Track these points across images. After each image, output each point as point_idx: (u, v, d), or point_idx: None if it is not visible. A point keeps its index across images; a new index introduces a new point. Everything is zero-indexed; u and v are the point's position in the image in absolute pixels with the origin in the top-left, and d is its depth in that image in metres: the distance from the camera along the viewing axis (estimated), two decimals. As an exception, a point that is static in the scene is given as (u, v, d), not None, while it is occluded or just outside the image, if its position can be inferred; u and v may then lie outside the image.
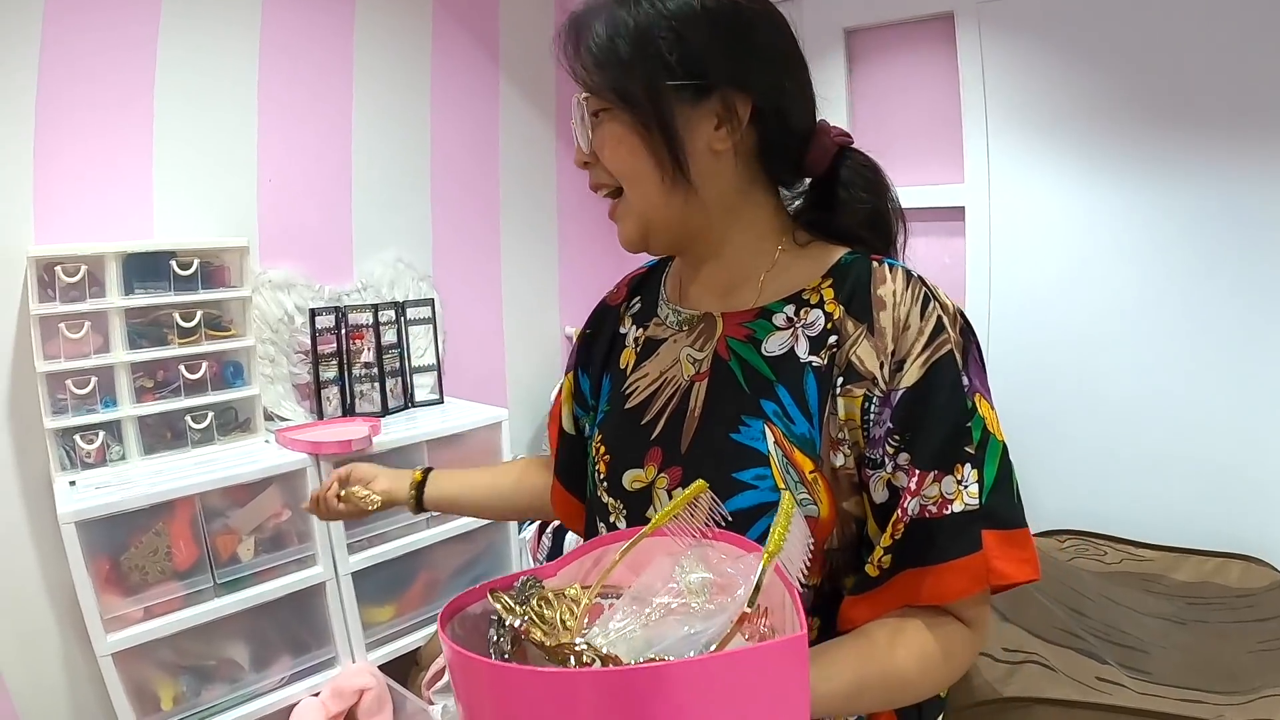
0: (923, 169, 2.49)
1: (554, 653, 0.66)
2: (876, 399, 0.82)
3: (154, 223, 2.00)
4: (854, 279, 0.87)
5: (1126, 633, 1.73)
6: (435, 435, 2.17)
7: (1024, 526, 0.82)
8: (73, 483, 1.74)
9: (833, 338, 0.85)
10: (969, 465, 0.80)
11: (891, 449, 0.81)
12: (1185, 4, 2.01)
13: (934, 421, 0.80)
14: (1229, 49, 1.97)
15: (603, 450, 1.01)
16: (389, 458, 2.07)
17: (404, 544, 2.11)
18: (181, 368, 1.92)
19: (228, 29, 2.10)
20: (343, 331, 2.28)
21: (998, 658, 1.59)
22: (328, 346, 2.26)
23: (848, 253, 0.91)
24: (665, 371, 0.97)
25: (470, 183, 2.72)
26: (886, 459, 0.82)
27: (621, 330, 1.07)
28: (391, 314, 2.40)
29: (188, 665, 1.79)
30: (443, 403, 2.49)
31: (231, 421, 2.03)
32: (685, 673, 0.56)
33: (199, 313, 1.93)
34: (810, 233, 0.95)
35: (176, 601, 1.75)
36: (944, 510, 0.79)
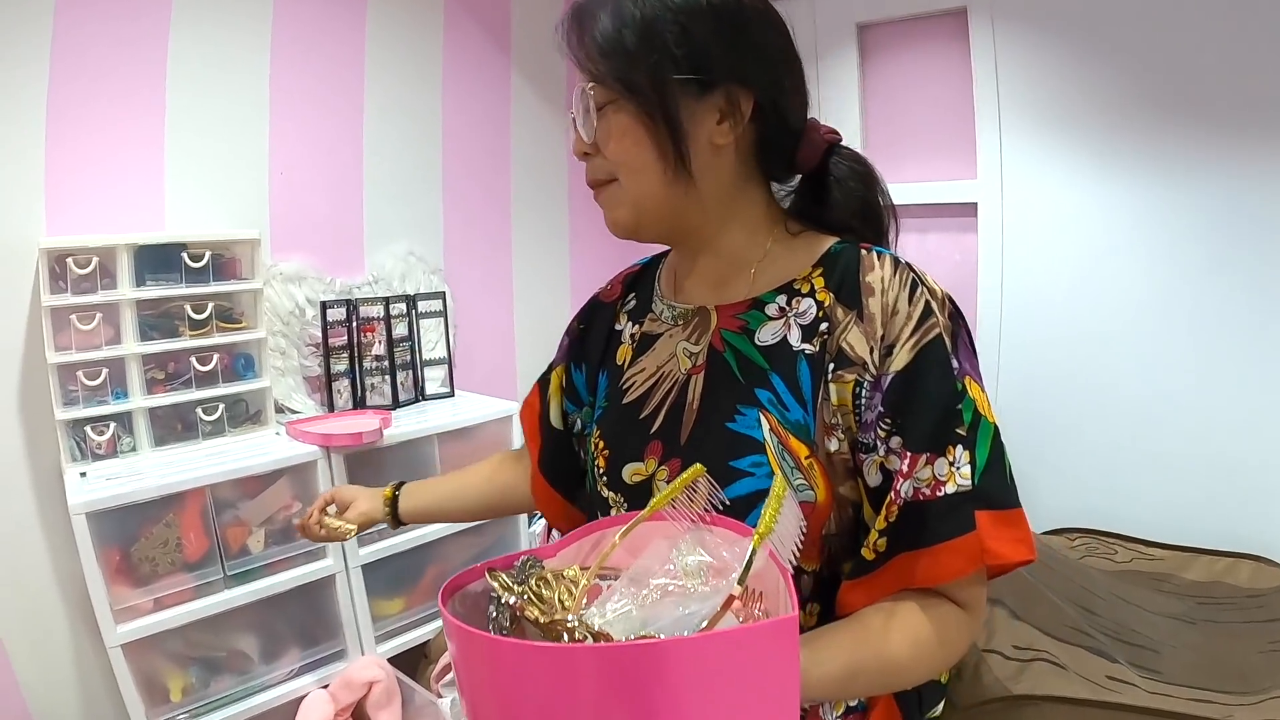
0: (935, 164, 2.46)
1: (548, 629, 0.68)
2: (868, 384, 0.83)
3: (165, 215, 1.98)
4: (843, 267, 0.89)
5: (1137, 631, 1.70)
6: (446, 428, 2.15)
7: (1018, 507, 0.82)
8: (83, 474, 1.72)
9: (824, 325, 0.87)
10: (960, 447, 0.80)
11: (884, 432, 0.82)
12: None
13: (924, 404, 0.81)
14: (1244, 45, 1.93)
15: (601, 445, 1.01)
16: (399, 451, 2.06)
17: (414, 537, 2.09)
18: (192, 360, 1.90)
19: (239, 21, 2.08)
20: (354, 324, 2.26)
21: (1008, 655, 1.56)
22: (339, 339, 2.24)
23: (837, 242, 0.93)
24: (662, 366, 0.98)
25: (482, 176, 2.70)
26: (879, 443, 0.82)
27: (617, 327, 1.08)
28: (403, 307, 2.37)
29: (197, 656, 1.78)
30: (453, 396, 2.47)
31: (242, 414, 2.01)
32: (675, 650, 0.56)
33: (210, 305, 1.91)
34: (802, 223, 0.97)
35: (186, 593, 1.74)
36: (937, 492, 0.79)
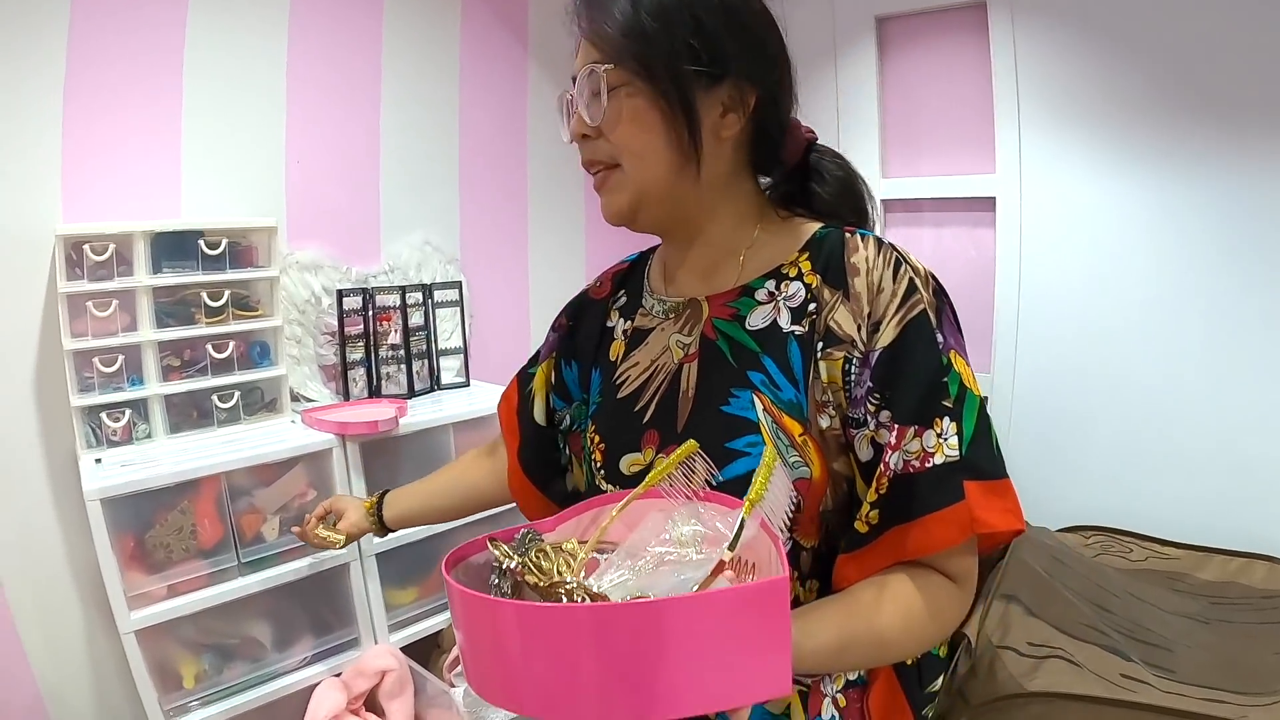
0: (953, 158, 2.42)
1: (547, 593, 0.69)
2: (856, 360, 0.84)
3: (182, 202, 1.95)
4: (828, 249, 0.90)
5: (1151, 630, 1.68)
6: (461, 418, 2.11)
7: (1005, 478, 0.84)
8: (98, 460, 1.69)
9: (812, 306, 0.88)
10: (948, 419, 0.81)
11: (873, 407, 0.83)
12: (1220, -6, 1.92)
13: (911, 378, 0.82)
14: (1263, 42, 1.88)
15: (598, 440, 1.02)
16: (414, 440, 2.04)
17: (428, 526, 2.04)
18: (208, 347, 1.88)
19: (257, 9, 2.05)
20: (370, 313, 2.23)
21: (1023, 652, 1.55)
22: (355, 328, 2.21)
23: (821, 227, 0.94)
24: (655, 359, 0.99)
25: (498, 166, 2.66)
26: (869, 417, 0.83)
27: (609, 324, 1.09)
28: (419, 296, 2.34)
29: (210, 643, 1.75)
30: (469, 385, 2.44)
31: (257, 401, 1.98)
32: (669, 609, 0.58)
33: (226, 292, 1.88)
34: (788, 209, 0.99)
35: (200, 580, 1.71)
36: (926, 464, 0.80)
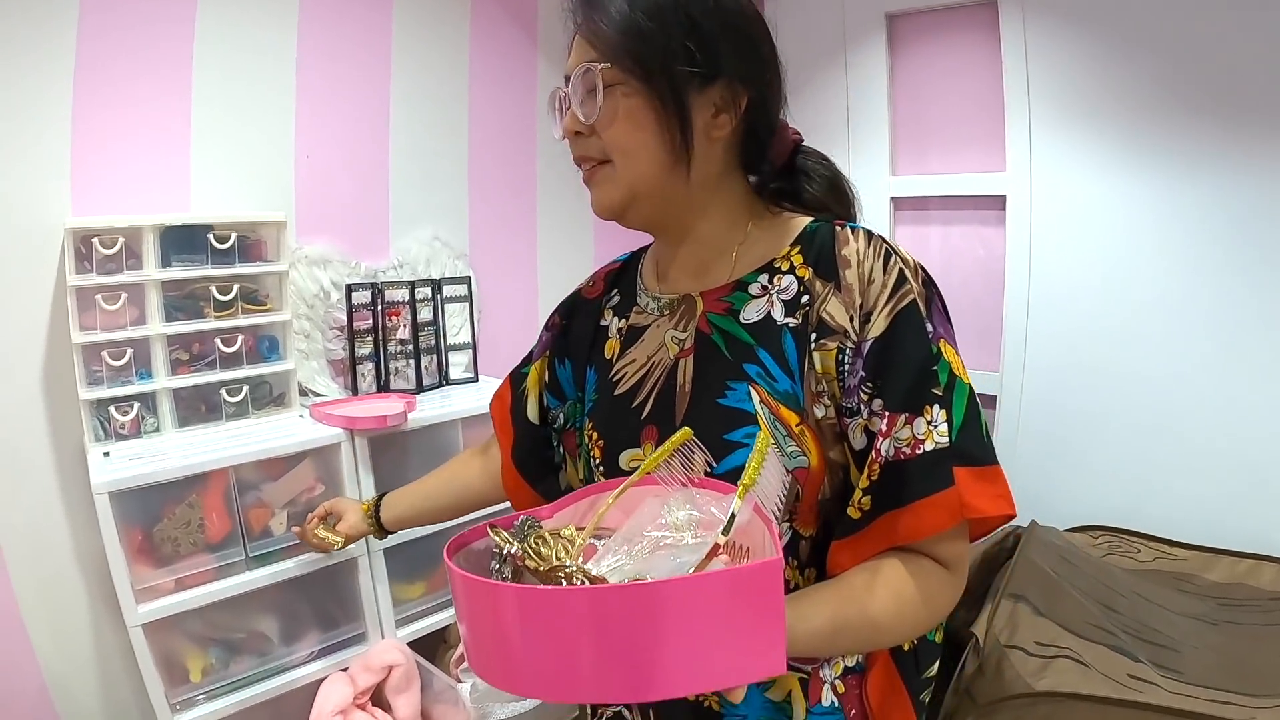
0: (963, 156, 2.40)
1: (546, 577, 0.70)
2: (849, 350, 0.86)
3: (191, 196, 1.93)
4: (820, 243, 0.92)
5: (1158, 631, 1.67)
6: (469, 413, 2.09)
7: (995, 464, 0.84)
8: (107, 454, 1.68)
9: (804, 298, 0.89)
10: (937, 406, 0.82)
11: (865, 396, 0.84)
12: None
13: (902, 366, 0.83)
14: (1275, 41, 1.85)
15: (596, 437, 1.03)
16: (423, 435, 2.02)
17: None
18: (217, 341, 1.86)
19: (266, 3, 2.03)
20: (379, 308, 2.20)
21: (1030, 651, 1.55)
22: (363, 323, 2.19)
23: (811, 221, 0.96)
24: (651, 356, 0.99)
25: (507, 162, 2.64)
26: (862, 406, 0.85)
27: (603, 323, 1.10)
28: (428, 291, 2.32)
29: (217, 637, 1.73)
30: (477, 381, 2.41)
31: (266, 396, 1.96)
32: (664, 591, 0.59)
33: (235, 286, 1.86)
34: (778, 204, 1.01)
35: (208, 573, 1.69)
36: (916, 450, 0.82)
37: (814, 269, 0.90)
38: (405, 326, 2.26)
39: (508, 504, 1.29)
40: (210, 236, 1.83)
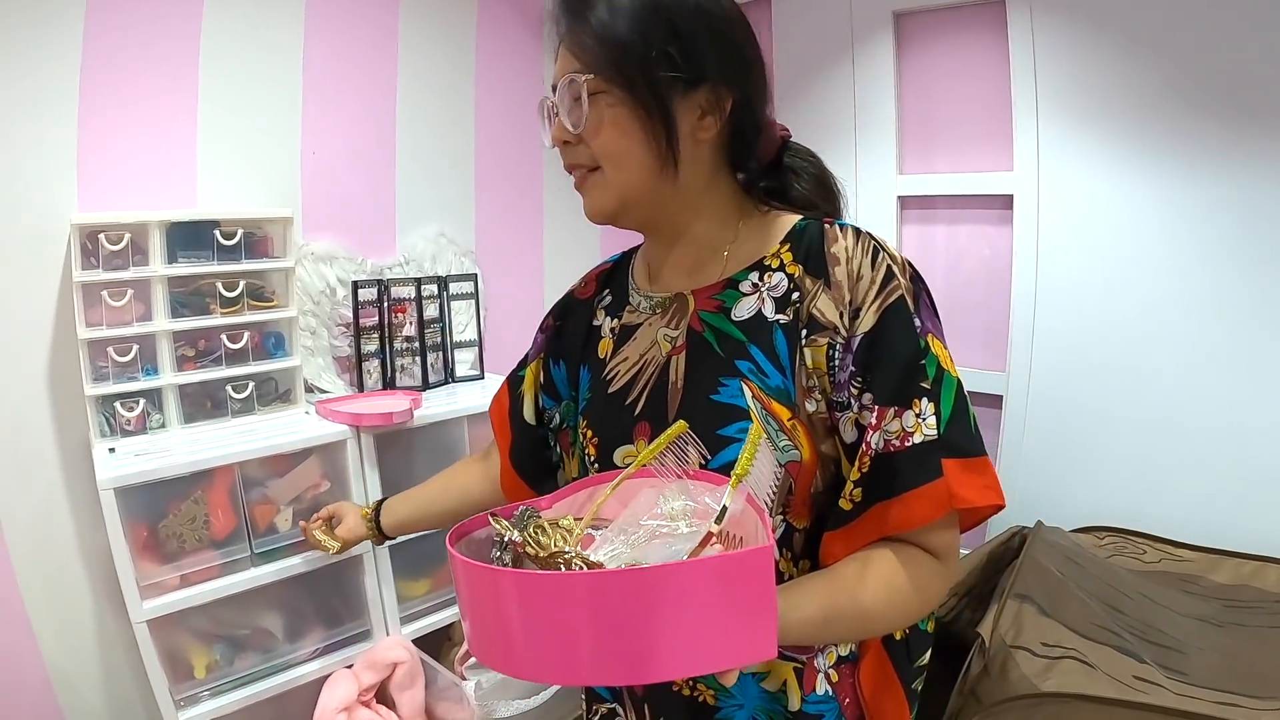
0: (971, 155, 2.36)
1: (546, 563, 0.71)
2: (839, 346, 0.86)
3: (197, 192, 1.93)
4: (809, 240, 0.92)
5: (1164, 632, 1.64)
6: (475, 410, 2.08)
7: (983, 455, 0.85)
8: (112, 450, 1.67)
9: (795, 295, 0.90)
10: (926, 399, 0.83)
11: (856, 390, 0.85)
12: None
13: (891, 361, 0.84)
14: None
15: (590, 434, 1.03)
16: (429, 432, 2.01)
17: (440, 519, 2.04)
18: (223, 337, 1.85)
19: (273, 0, 2.02)
20: (385, 305, 2.19)
21: (1036, 652, 1.51)
22: (369, 319, 2.17)
23: (801, 219, 0.96)
24: (644, 354, 1.00)
25: (513, 159, 2.62)
26: (852, 400, 0.86)
27: (595, 323, 1.10)
28: (434, 288, 2.31)
29: (222, 634, 1.73)
30: (483, 378, 2.40)
31: (272, 392, 1.95)
32: (660, 576, 0.60)
33: (241, 283, 1.86)
34: (767, 203, 1.01)
35: (213, 570, 1.68)
36: (905, 443, 0.83)
37: (804, 266, 0.91)
38: (411, 323, 2.25)
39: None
40: (216, 233, 1.82)
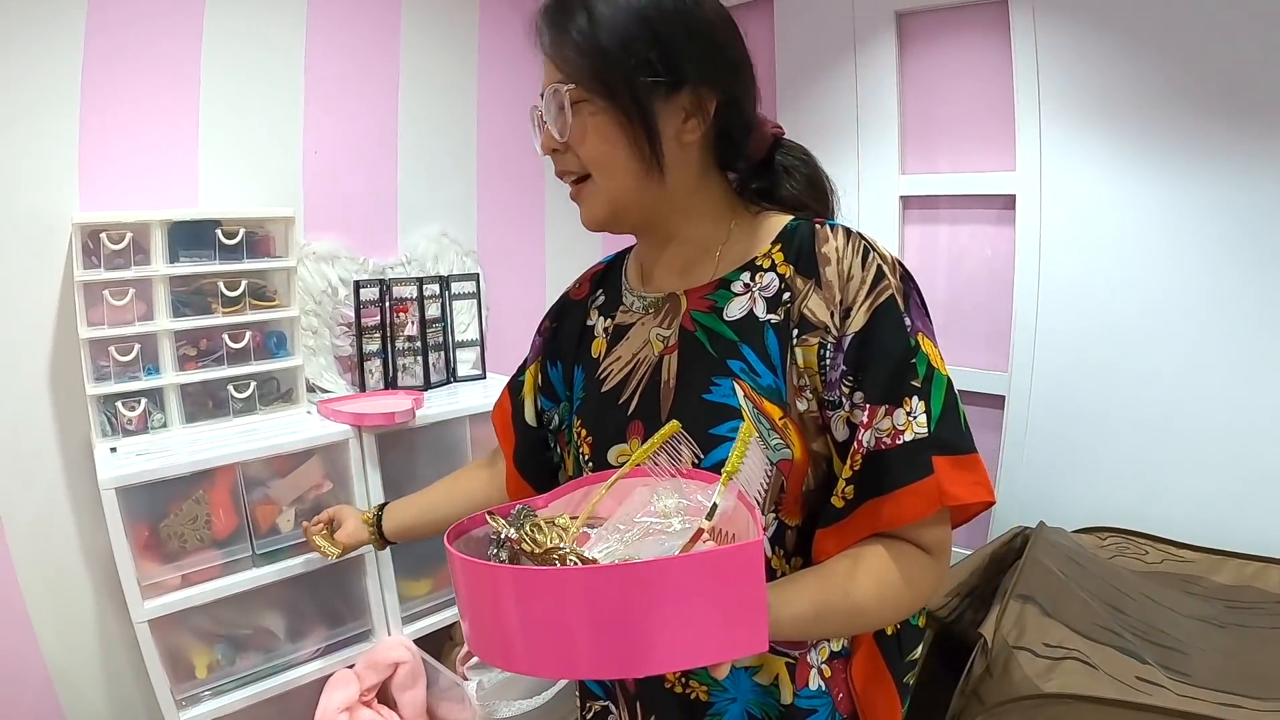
0: (973, 155, 2.35)
1: (542, 560, 0.73)
2: (830, 345, 0.87)
3: (199, 191, 1.92)
4: (800, 241, 0.93)
5: (1166, 633, 1.63)
6: (477, 410, 2.07)
7: (973, 452, 0.86)
8: (114, 449, 1.66)
9: (786, 295, 0.90)
10: (916, 398, 0.84)
11: (847, 389, 0.86)
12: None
13: (881, 360, 0.84)
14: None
15: (584, 434, 1.04)
16: (430, 432, 2.00)
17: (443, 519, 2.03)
18: (225, 337, 1.84)
19: (275, -1, 2.01)
20: (386, 304, 2.18)
21: (1038, 653, 1.51)
22: (371, 319, 2.16)
23: (792, 219, 0.96)
24: (637, 353, 1.00)
25: (516, 159, 2.61)
26: (843, 399, 0.86)
27: (589, 323, 1.10)
28: (436, 288, 2.30)
29: (223, 634, 1.72)
30: (485, 378, 2.39)
31: (273, 392, 1.94)
32: (652, 570, 0.61)
33: (243, 282, 1.85)
34: (758, 203, 1.01)
35: (214, 569, 1.67)
36: (896, 440, 0.83)
37: (795, 266, 0.91)
38: (413, 323, 2.24)
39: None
40: (218, 232, 1.81)
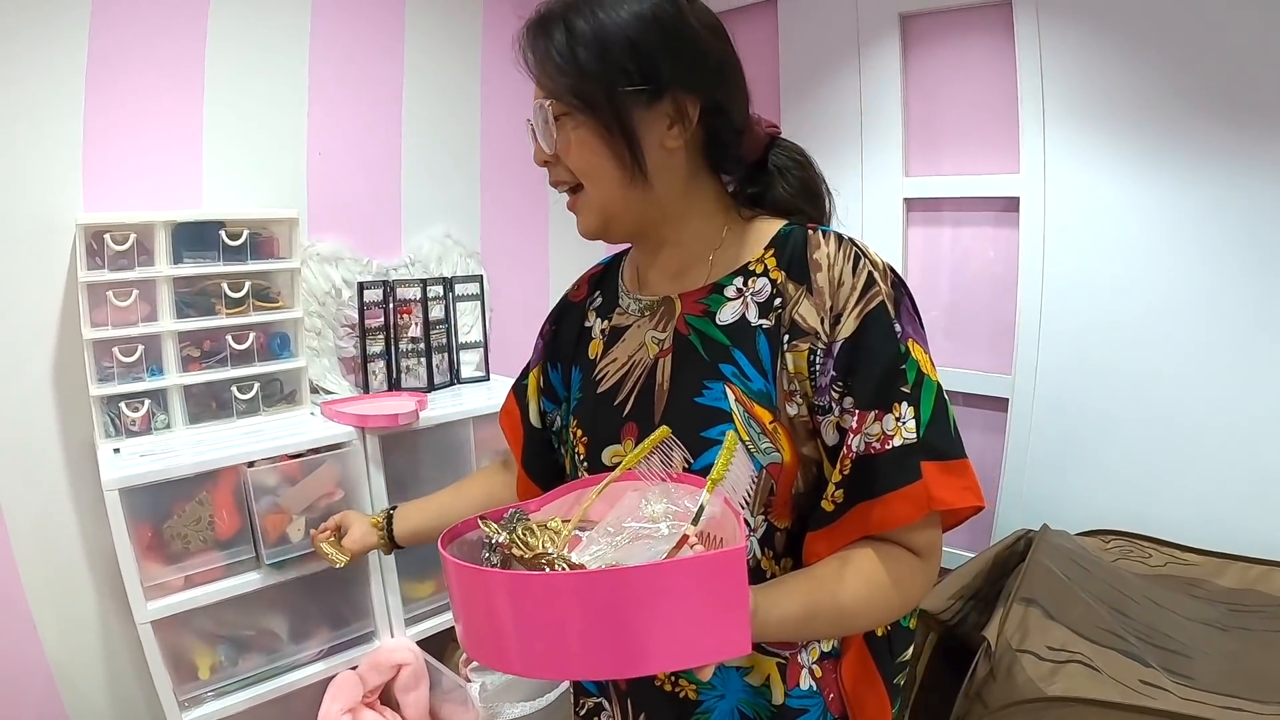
0: (977, 158, 2.34)
1: (531, 564, 0.74)
2: (820, 351, 0.87)
3: (203, 192, 1.91)
4: (792, 246, 0.93)
5: (1169, 636, 1.62)
6: (480, 412, 2.06)
7: (963, 458, 0.87)
8: (117, 450, 1.65)
9: (777, 300, 0.91)
10: (905, 403, 0.85)
11: (837, 394, 0.86)
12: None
13: (871, 365, 0.85)
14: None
15: (580, 434, 1.04)
16: (434, 433, 1.99)
17: (446, 521, 2.02)
18: (228, 338, 1.83)
19: (279, 1, 2.00)
20: (390, 306, 2.17)
21: (1042, 656, 1.50)
22: (375, 320, 2.16)
23: (785, 225, 0.97)
24: (632, 355, 1.01)
25: (519, 161, 2.57)
26: (833, 404, 0.87)
27: (587, 324, 1.11)
28: (439, 289, 2.29)
29: (226, 635, 1.71)
30: (489, 380, 2.38)
31: (277, 393, 1.93)
32: (638, 575, 0.62)
33: (247, 283, 1.84)
34: (752, 208, 1.01)
35: (217, 571, 1.67)
36: (886, 446, 0.84)
37: (787, 272, 0.92)
38: (417, 324, 2.23)
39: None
40: (222, 233, 1.81)
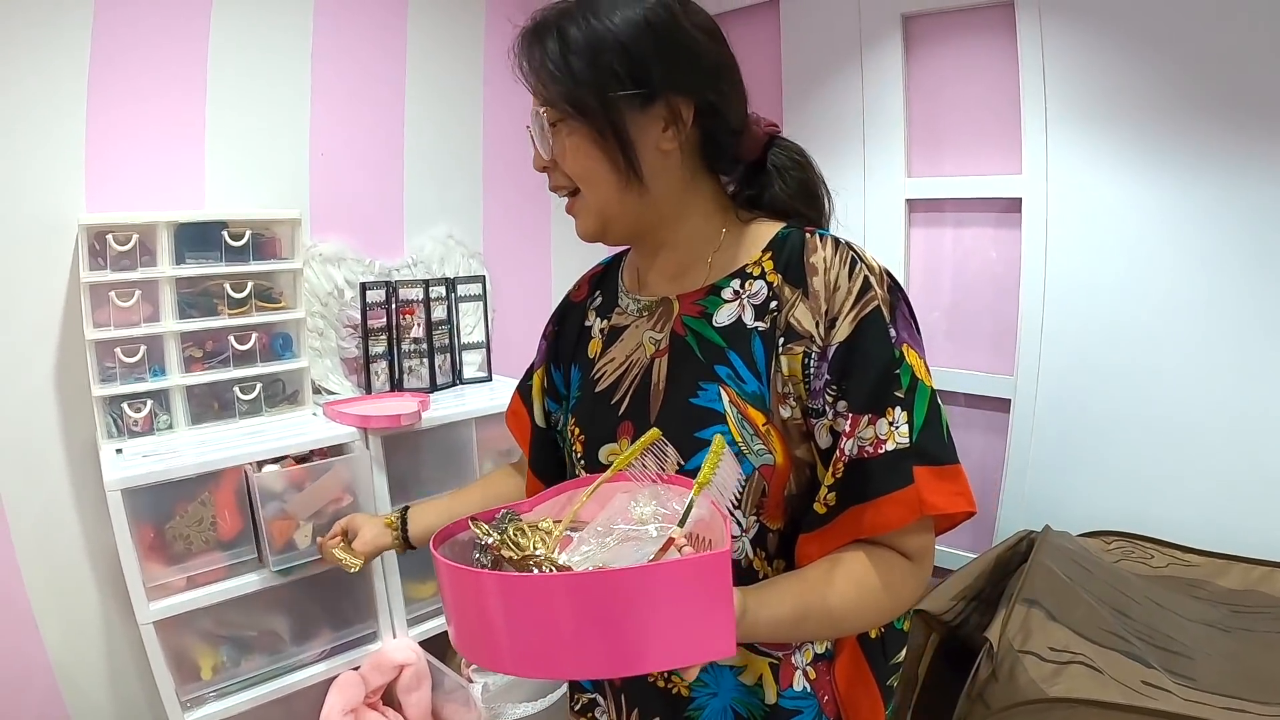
0: (979, 159, 2.33)
1: (520, 565, 0.76)
2: (815, 354, 0.88)
3: (205, 193, 1.91)
4: (789, 250, 0.93)
5: (1171, 637, 1.61)
6: (483, 412, 2.06)
7: (955, 463, 0.87)
8: (119, 450, 1.65)
9: (773, 303, 0.91)
10: (899, 408, 0.85)
11: (830, 398, 0.87)
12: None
13: (865, 370, 0.85)
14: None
15: (578, 432, 1.05)
16: (436, 434, 1.98)
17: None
18: (231, 338, 1.83)
19: (282, 1, 2.00)
20: (393, 306, 2.17)
21: (1044, 657, 1.49)
22: (377, 321, 2.15)
23: (783, 227, 0.97)
24: (630, 355, 1.01)
25: (522, 162, 2.56)
26: (827, 407, 0.87)
27: (587, 324, 1.12)
28: (442, 290, 2.29)
29: (228, 635, 1.70)
30: (491, 380, 2.38)
31: (279, 394, 1.93)
32: (624, 578, 0.63)
33: (249, 284, 1.84)
34: (750, 210, 1.01)
35: (219, 571, 1.66)
36: (879, 450, 0.84)
37: (783, 275, 0.92)
38: (419, 325, 2.23)
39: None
40: (224, 234, 1.80)
